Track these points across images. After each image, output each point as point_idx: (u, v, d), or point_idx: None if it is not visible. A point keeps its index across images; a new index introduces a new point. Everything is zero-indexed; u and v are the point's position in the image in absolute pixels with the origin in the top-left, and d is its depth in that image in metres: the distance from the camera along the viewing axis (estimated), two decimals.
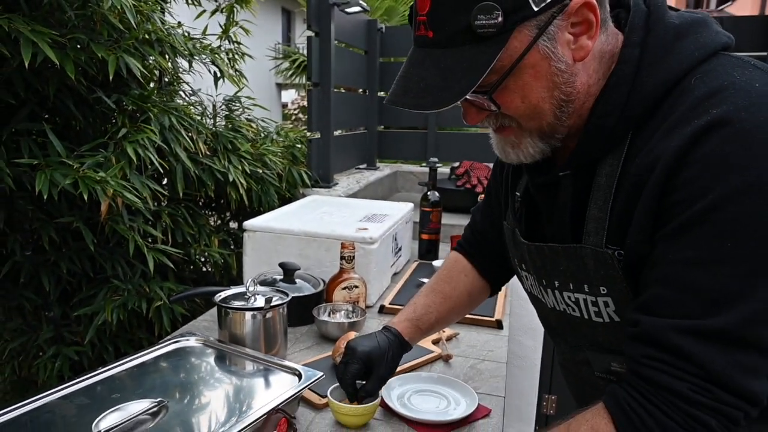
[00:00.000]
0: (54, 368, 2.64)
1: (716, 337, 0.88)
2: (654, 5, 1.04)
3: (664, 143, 0.94)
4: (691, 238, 0.91)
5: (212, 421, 1.36)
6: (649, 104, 1.00)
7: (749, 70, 0.96)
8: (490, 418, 1.57)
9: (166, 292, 2.70)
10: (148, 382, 1.53)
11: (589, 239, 1.08)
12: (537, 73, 0.99)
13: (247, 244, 2.41)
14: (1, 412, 1.35)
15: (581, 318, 1.17)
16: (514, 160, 1.13)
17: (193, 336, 1.77)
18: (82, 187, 2.21)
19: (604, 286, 1.08)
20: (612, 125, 1.02)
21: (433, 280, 1.65)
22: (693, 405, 0.89)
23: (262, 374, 1.60)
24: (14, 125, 2.41)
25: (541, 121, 1.05)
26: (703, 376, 0.89)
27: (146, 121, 2.63)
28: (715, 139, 0.88)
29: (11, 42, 2.16)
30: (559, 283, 1.19)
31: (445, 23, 0.97)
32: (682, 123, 0.93)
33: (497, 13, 0.92)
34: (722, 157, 0.87)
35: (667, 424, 0.90)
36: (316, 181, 3.70)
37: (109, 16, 2.44)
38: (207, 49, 3.22)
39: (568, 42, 0.98)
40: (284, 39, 21.99)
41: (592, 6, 0.96)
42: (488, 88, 1.00)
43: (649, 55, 1.01)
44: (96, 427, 1.30)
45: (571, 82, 1.01)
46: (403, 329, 1.53)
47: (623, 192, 1.01)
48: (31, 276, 2.70)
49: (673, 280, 0.93)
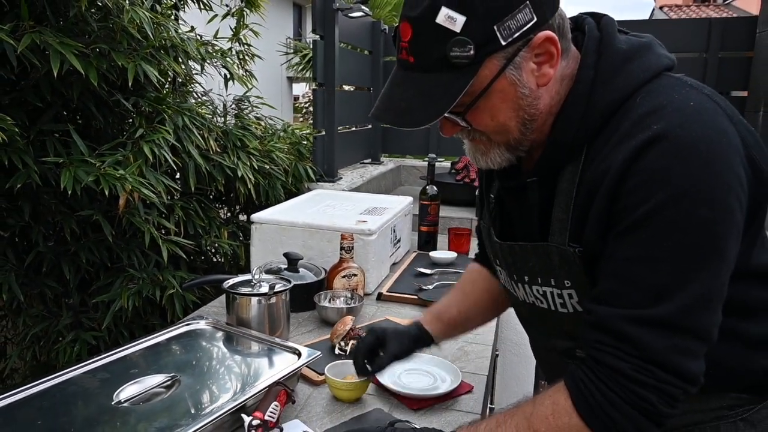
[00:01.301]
0: (73, 352, 2.81)
1: (657, 324, 1.00)
2: (605, 32, 1.16)
3: (613, 155, 1.05)
4: (635, 238, 1.02)
5: (220, 392, 1.53)
6: (600, 120, 1.10)
7: (686, 89, 1.08)
8: (472, 394, 1.72)
9: (178, 280, 2.88)
10: (163, 360, 1.70)
11: (554, 238, 1.19)
12: (504, 97, 1.11)
13: (255, 236, 2.56)
14: (31, 384, 1.51)
15: (548, 309, 1.28)
16: (483, 166, 1.24)
17: (203, 319, 1.93)
18: (103, 184, 2.38)
19: (568, 280, 1.19)
20: (571, 138, 1.14)
21: (456, 285, 1.75)
22: (634, 382, 1.00)
23: (266, 353, 1.77)
24: (40, 126, 2.59)
25: (508, 136, 1.16)
26: (644, 357, 1.00)
27: (161, 121, 2.80)
28: (654, 153, 1.00)
29: (40, 52, 2.34)
30: (528, 278, 1.29)
31: (425, 51, 1.07)
32: (628, 137, 1.04)
33: (469, 47, 1.03)
34: (660, 169, 0.99)
35: (612, 398, 1.02)
36: (321, 175, 3.83)
37: (128, 27, 2.62)
38: (218, 53, 3.38)
39: (533, 70, 1.10)
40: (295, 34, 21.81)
41: (553, 40, 1.08)
42: (461, 109, 1.11)
43: (601, 77, 1.11)
44: (117, 397, 1.47)
45: (535, 104, 1.13)
46: (424, 321, 1.64)
47: (581, 196, 1.12)
48: (52, 265, 2.88)
49: (620, 275, 1.05)
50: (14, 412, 1.42)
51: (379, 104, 1.16)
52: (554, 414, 1.07)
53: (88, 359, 1.66)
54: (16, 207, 2.72)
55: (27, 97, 2.55)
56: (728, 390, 1.20)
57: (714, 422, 1.21)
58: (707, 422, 1.22)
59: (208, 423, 1.35)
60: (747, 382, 1.20)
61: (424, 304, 2.35)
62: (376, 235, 2.47)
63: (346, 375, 1.68)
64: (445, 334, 1.66)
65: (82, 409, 1.46)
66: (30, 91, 2.56)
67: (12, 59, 2.28)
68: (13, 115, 2.35)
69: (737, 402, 1.21)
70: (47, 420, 1.40)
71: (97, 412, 1.43)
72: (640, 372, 1.00)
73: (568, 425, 1.06)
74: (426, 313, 1.68)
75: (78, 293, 2.97)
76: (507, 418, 1.12)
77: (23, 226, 2.79)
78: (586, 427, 1.04)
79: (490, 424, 1.14)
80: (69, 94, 2.61)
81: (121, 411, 1.43)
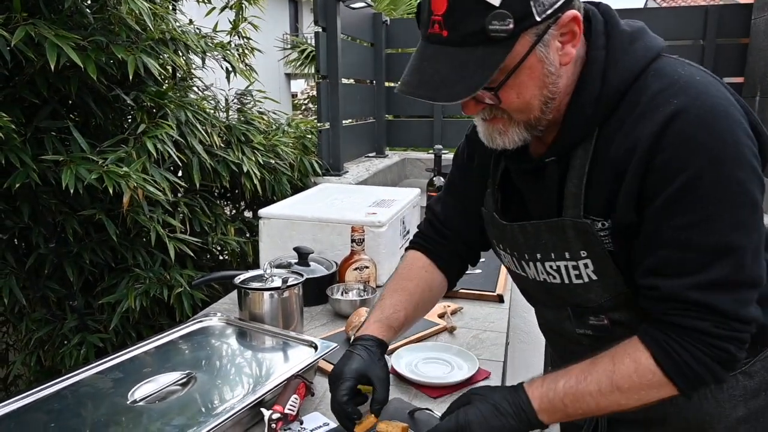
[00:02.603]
0: (79, 355, 2.76)
1: (719, 285, 1.10)
2: (608, 15, 1.22)
3: (637, 130, 1.11)
4: (680, 206, 1.09)
5: (237, 387, 1.48)
6: (616, 97, 1.16)
7: (687, 67, 1.17)
8: (489, 380, 1.71)
9: (186, 279, 2.83)
10: (177, 358, 1.65)
11: (567, 212, 1.24)
12: (532, 74, 1.13)
13: (263, 231, 2.52)
14: (41, 387, 1.47)
15: (561, 283, 1.33)
16: (499, 146, 1.25)
17: (215, 315, 1.88)
18: (107, 182, 2.33)
19: (584, 251, 1.25)
20: (588, 115, 1.18)
21: (393, 280, 1.63)
22: (717, 338, 1.11)
23: (281, 347, 1.72)
24: (37, 123, 2.53)
25: (530, 114, 1.19)
26: (718, 314, 1.10)
27: (163, 116, 2.75)
28: (679, 125, 1.07)
29: (34, 45, 2.27)
30: (541, 255, 1.33)
31: (461, 25, 1.07)
32: (650, 112, 1.11)
33: (509, 21, 1.04)
34: (689, 138, 1.07)
35: (696, 354, 1.11)
36: (327, 169, 3.80)
37: (126, 19, 2.56)
38: (218, 46, 3.33)
39: (557, 49, 1.13)
40: (292, 29, 21.79)
41: (578, 20, 1.11)
42: (494, 84, 1.12)
43: (612, 57, 1.17)
44: (132, 397, 1.42)
45: (557, 83, 1.16)
46: (375, 330, 1.47)
47: (600, 173, 1.18)
48: (54, 268, 2.82)
49: (673, 243, 1.12)
50: (25, 416, 1.38)
51: (408, 79, 1.15)
52: (637, 372, 1.15)
53: (98, 360, 1.61)
54: (15, 208, 2.66)
55: (22, 93, 2.49)
56: None
57: None
58: None
59: (227, 419, 1.31)
60: None
61: None
62: (386, 227, 2.44)
63: None
64: (392, 338, 1.52)
65: (96, 409, 1.41)
66: (25, 87, 2.49)
67: (5, 53, 2.22)
68: (8, 112, 2.29)
69: None
70: (60, 422, 1.36)
71: (112, 413, 1.38)
72: (719, 327, 1.10)
73: (652, 381, 1.15)
74: (374, 321, 1.50)
75: (82, 295, 2.92)
76: (586, 375, 1.18)
77: (22, 228, 2.73)
78: (670, 383, 1.14)
79: (570, 381, 1.18)
80: (66, 90, 2.55)
81: (137, 410, 1.38)
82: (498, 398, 1.22)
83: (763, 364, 1.35)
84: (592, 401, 1.17)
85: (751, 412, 1.35)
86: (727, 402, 1.34)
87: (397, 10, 10.51)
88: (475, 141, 1.42)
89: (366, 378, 1.35)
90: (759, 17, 4.24)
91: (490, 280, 2.39)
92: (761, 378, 1.35)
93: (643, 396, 1.16)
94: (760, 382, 1.35)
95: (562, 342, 1.51)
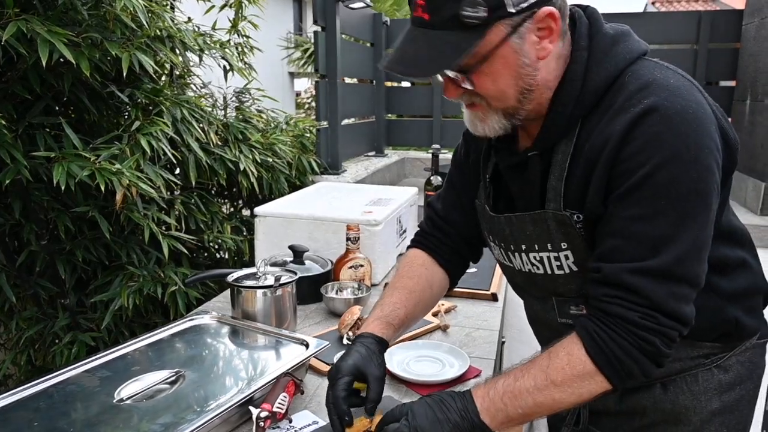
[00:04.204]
0: (71, 354, 2.73)
1: (656, 274, 1.14)
2: (593, 18, 1.29)
3: (611, 127, 1.18)
4: (634, 198, 1.15)
5: (226, 386, 1.46)
6: (596, 96, 1.23)
7: (664, 70, 1.22)
8: (480, 378, 1.70)
9: (180, 277, 2.80)
10: (166, 356, 1.63)
11: (550, 205, 1.29)
12: (506, 63, 1.19)
13: (259, 229, 2.51)
14: (27, 385, 1.45)
15: (544, 274, 1.39)
16: (481, 133, 1.32)
17: (208, 314, 1.87)
18: (99, 179, 2.30)
19: (565, 242, 1.31)
20: (569, 113, 1.25)
21: (394, 278, 1.64)
22: (641, 328, 1.14)
23: (273, 345, 1.70)
24: (30, 119, 2.50)
25: (506, 103, 1.25)
26: (647, 305, 1.14)
27: (159, 113, 2.73)
28: (647, 123, 1.13)
29: (27, 41, 2.25)
30: (525, 246, 1.39)
31: (439, 9, 1.14)
32: (623, 110, 1.17)
33: (481, 9, 1.11)
34: (653, 136, 1.13)
35: (623, 344, 1.15)
36: (325, 168, 3.79)
37: (121, 16, 2.54)
38: (216, 44, 3.31)
39: (534, 43, 1.19)
40: (296, 28, 21.79)
41: (555, 16, 1.18)
42: (467, 69, 1.19)
43: (594, 57, 1.24)
44: (118, 395, 1.40)
45: (534, 75, 1.22)
46: (374, 328, 1.47)
47: (577, 167, 1.24)
48: (46, 265, 2.79)
49: (622, 232, 1.17)
50: (9, 414, 1.36)
51: (392, 57, 1.24)
52: (570, 364, 1.19)
53: (86, 358, 1.59)
54: (6, 204, 2.64)
55: (14, 89, 2.46)
56: (704, 339, 1.37)
57: (693, 370, 1.39)
58: (687, 370, 1.39)
59: (214, 417, 1.29)
60: (720, 331, 1.38)
61: None
62: (382, 226, 2.42)
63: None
64: (393, 337, 1.52)
65: (81, 408, 1.39)
66: (17, 83, 2.46)
67: None
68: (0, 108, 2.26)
69: (712, 351, 1.39)
70: (44, 420, 1.33)
71: (97, 412, 1.37)
72: (645, 319, 1.14)
73: (582, 372, 1.18)
74: (374, 320, 1.51)
75: (75, 293, 2.89)
76: (524, 372, 1.21)
77: (14, 225, 2.70)
78: (599, 373, 1.17)
79: (508, 380, 1.21)
80: (59, 86, 2.52)
81: (123, 409, 1.37)
82: (445, 395, 1.25)
83: (738, 359, 1.41)
84: (530, 398, 1.19)
85: (725, 406, 1.41)
86: (702, 395, 1.39)
87: (401, 11, 10.51)
88: (472, 137, 1.52)
89: (362, 374, 1.36)
90: (750, 23, 4.32)
91: (484, 279, 2.38)
92: (736, 372, 1.41)
93: (577, 389, 1.18)
94: (734, 376, 1.41)
95: (547, 333, 1.52)
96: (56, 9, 2.44)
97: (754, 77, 4.21)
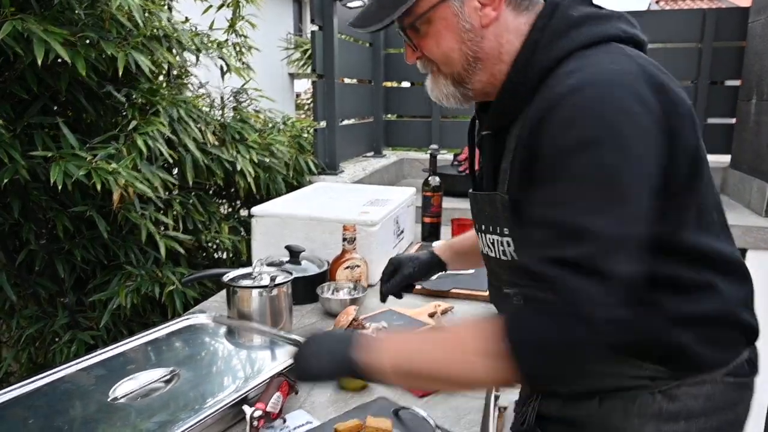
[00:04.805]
0: (70, 352, 2.73)
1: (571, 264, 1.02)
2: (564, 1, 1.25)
3: (534, 108, 1.16)
4: (545, 183, 1.11)
5: (221, 385, 1.47)
6: (536, 80, 1.20)
7: (621, 56, 1.15)
8: None
9: (178, 276, 2.80)
10: (162, 355, 1.65)
11: (500, 187, 1.30)
12: (447, 26, 1.24)
13: (256, 229, 2.51)
14: (24, 382, 1.47)
15: (494, 258, 1.41)
16: (435, 98, 1.37)
17: (203, 313, 1.88)
18: (95, 178, 2.31)
19: (507, 227, 1.31)
20: (516, 93, 1.24)
21: None
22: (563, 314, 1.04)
23: (268, 346, 1.72)
24: (27, 119, 2.50)
25: (453, 68, 1.28)
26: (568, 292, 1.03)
27: (156, 113, 2.73)
28: (564, 105, 1.08)
29: (24, 40, 2.25)
30: (484, 226, 1.42)
31: None
32: (546, 92, 1.14)
33: None
34: (567, 119, 1.07)
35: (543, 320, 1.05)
36: (323, 168, 3.79)
37: (117, 15, 2.54)
38: (214, 44, 3.31)
39: (476, 8, 1.22)
40: (296, 29, 21.79)
41: None
42: (411, 28, 1.27)
43: (544, 39, 1.21)
44: (113, 394, 1.41)
45: (478, 42, 1.25)
46: (437, 248, 1.87)
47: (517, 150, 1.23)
48: (45, 264, 2.80)
49: (535, 219, 1.12)
50: (5, 412, 1.37)
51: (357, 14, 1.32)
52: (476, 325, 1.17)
53: (82, 357, 1.61)
54: (5, 204, 2.64)
55: (12, 89, 2.46)
56: (644, 359, 1.26)
57: (635, 390, 1.28)
58: (628, 389, 1.29)
59: (208, 416, 1.30)
60: (661, 354, 1.25)
61: (428, 294, 2.32)
62: (379, 226, 2.42)
63: None
64: (456, 262, 1.87)
65: (75, 406, 1.40)
66: (15, 83, 2.47)
67: None
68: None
69: (656, 374, 1.26)
70: (39, 418, 1.35)
71: (92, 410, 1.38)
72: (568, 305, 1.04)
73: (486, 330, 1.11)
74: (440, 244, 1.90)
75: (74, 292, 2.90)
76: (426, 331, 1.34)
77: (13, 224, 2.71)
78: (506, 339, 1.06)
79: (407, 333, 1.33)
80: (56, 86, 2.53)
81: (117, 408, 1.38)
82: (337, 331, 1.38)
83: (689, 391, 1.27)
84: (415, 343, 1.22)
85: None
86: (635, 417, 1.29)
87: None
88: (471, 126, 1.58)
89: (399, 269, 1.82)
90: (755, 20, 4.24)
91: (481, 280, 2.36)
92: (683, 404, 1.27)
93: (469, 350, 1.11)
94: (681, 408, 1.27)
95: None
96: (52, 8, 2.45)
97: (759, 76, 4.13)
